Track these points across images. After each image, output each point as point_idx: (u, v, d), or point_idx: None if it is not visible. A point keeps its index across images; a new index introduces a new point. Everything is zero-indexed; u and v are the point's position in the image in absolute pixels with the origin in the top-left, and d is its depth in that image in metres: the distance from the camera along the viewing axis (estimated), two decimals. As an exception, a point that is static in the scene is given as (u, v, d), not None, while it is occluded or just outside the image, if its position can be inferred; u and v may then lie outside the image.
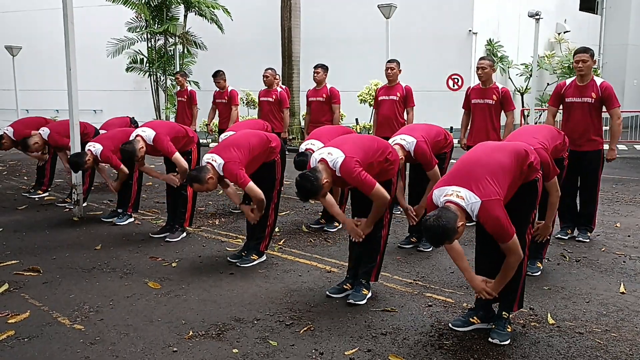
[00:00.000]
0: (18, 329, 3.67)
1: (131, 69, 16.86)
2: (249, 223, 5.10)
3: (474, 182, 3.21)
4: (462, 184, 3.21)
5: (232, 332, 3.64)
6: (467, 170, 3.32)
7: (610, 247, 5.54)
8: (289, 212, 7.18)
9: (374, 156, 3.98)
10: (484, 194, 3.15)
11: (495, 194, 3.18)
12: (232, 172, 4.51)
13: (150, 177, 9.49)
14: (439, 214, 3.11)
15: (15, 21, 21.61)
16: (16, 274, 4.74)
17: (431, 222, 3.09)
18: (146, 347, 3.44)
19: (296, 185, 3.79)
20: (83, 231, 6.22)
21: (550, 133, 4.46)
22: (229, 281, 4.62)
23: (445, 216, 3.09)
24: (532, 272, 4.72)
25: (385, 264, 4.99)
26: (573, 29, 19.85)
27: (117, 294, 4.31)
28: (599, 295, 4.30)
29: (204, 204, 7.65)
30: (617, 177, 9.72)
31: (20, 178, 9.83)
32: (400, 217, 6.74)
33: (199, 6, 15.81)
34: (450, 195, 3.20)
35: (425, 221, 3.12)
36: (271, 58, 16.07)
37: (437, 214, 3.12)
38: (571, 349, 3.42)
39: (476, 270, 3.71)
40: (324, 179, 3.80)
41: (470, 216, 3.20)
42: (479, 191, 3.16)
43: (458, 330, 3.65)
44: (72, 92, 6.67)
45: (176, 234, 5.86)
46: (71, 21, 6.56)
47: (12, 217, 6.84)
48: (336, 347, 3.43)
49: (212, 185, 4.54)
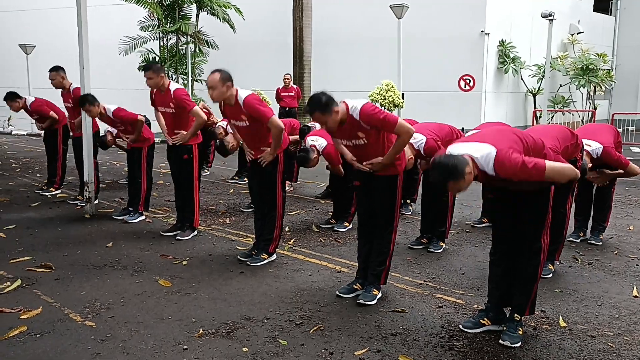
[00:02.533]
0: (30, 325, 3.70)
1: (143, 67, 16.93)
2: (257, 223, 5.12)
3: (488, 138, 3.27)
4: (477, 140, 3.29)
5: (242, 331, 3.65)
6: (481, 134, 3.43)
7: (623, 250, 5.50)
8: (299, 211, 7.19)
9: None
10: (498, 145, 3.19)
11: (511, 147, 3.20)
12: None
13: (161, 175, 9.56)
14: (450, 156, 3.16)
15: (29, 20, 21.82)
16: (29, 270, 4.78)
17: (441, 159, 3.13)
18: (156, 344, 3.46)
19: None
20: (94, 228, 6.26)
21: (561, 133, 4.40)
22: (239, 280, 4.62)
23: (457, 158, 3.13)
24: (544, 274, 4.68)
25: (395, 264, 4.99)
26: (587, 30, 19.68)
27: (128, 291, 4.34)
28: (611, 298, 4.26)
29: (215, 202, 7.67)
30: (631, 180, 9.63)
31: (33, 175, 9.91)
32: (412, 218, 6.72)
33: (211, 5, 15.85)
34: (464, 149, 3.23)
35: (436, 159, 3.16)
36: (283, 58, 16.10)
37: (449, 154, 3.18)
38: (583, 352, 3.39)
39: (490, 278, 3.73)
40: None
41: (485, 172, 3.18)
42: (494, 143, 3.20)
43: (468, 332, 3.64)
44: (85, 90, 6.71)
45: (187, 232, 5.88)
46: (84, 20, 6.60)
47: (25, 214, 6.89)
48: (346, 347, 3.43)
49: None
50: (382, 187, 4.10)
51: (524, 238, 3.52)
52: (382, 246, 4.17)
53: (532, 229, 3.47)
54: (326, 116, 3.86)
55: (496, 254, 3.67)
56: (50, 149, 8.25)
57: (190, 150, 5.74)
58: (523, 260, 3.52)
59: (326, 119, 3.89)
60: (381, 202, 4.12)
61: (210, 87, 4.61)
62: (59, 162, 8.21)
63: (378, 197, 4.12)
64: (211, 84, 4.59)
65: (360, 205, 4.35)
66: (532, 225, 3.46)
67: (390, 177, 4.08)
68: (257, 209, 5.20)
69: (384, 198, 4.11)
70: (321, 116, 3.87)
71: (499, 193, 3.59)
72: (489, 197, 3.66)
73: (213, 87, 4.60)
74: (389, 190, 4.11)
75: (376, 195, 4.12)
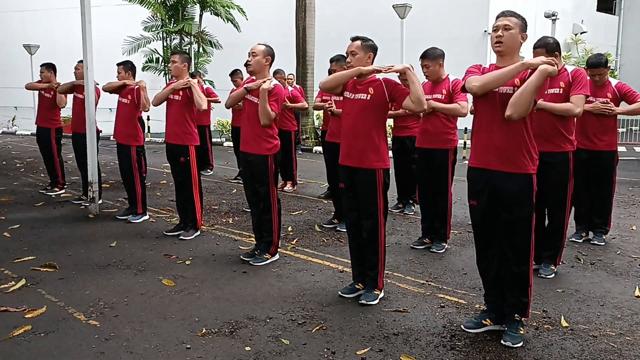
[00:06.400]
0: (35, 324, 3.73)
1: (147, 67, 16.98)
2: (256, 226, 5.15)
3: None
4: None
5: (245, 330, 3.67)
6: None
7: (626, 250, 5.50)
8: (302, 211, 7.20)
9: None
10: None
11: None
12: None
13: (164, 175, 9.58)
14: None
15: (33, 20, 21.90)
16: (33, 270, 4.81)
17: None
18: (160, 343, 3.48)
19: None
20: (98, 228, 6.29)
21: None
22: (242, 279, 4.64)
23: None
24: (546, 274, 4.70)
25: (397, 264, 5.01)
26: (590, 30, 19.66)
27: (131, 291, 4.36)
28: (613, 298, 4.26)
29: (218, 202, 7.70)
30: (634, 179, 9.62)
31: (37, 175, 9.95)
32: (414, 218, 6.73)
33: (214, 6, 15.89)
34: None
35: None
36: (286, 58, 16.05)
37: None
38: (584, 352, 3.40)
39: (483, 285, 3.74)
40: None
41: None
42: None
43: (470, 332, 3.64)
44: (89, 90, 6.75)
45: (190, 232, 5.90)
46: (88, 20, 6.63)
47: (29, 214, 6.93)
48: (348, 347, 3.44)
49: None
50: (365, 181, 4.06)
51: (510, 245, 3.50)
52: (373, 248, 4.14)
53: (517, 235, 3.45)
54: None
55: (483, 262, 3.66)
56: (45, 150, 8.27)
57: (187, 153, 5.78)
58: (512, 266, 3.51)
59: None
60: (365, 198, 4.08)
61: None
62: (56, 161, 8.24)
63: (360, 192, 4.09)
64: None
65: (348, 209, 4.26)
66: (517, 233, 3.45)
67: (368, 170, 4.04)
68: (252, 211, 5.21)
69: (365, 192, 4.07)
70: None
71: (480, 199, 3.56)
72: (471, 204, 3.61)
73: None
74: (370, 185, 4.06)
75: (362, 191, 4.08)
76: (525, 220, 3.44)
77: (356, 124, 4.04)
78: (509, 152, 3.37)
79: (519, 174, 3.39)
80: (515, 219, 3.43)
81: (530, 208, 3.43)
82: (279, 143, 5.01)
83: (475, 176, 3.55)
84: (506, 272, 3.55)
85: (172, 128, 5.79)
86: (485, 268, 3.65)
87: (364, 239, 4.16)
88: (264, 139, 4.89)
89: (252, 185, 5.06)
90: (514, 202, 3.41)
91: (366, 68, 4.01)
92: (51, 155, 8.22)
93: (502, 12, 3.43)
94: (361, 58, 4.05)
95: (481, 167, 3.48)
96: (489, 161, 3.43)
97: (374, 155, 4.04)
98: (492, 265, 3.60)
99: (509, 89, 3.32)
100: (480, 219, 3.57)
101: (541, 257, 4.74)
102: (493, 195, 3.46)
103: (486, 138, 3.43)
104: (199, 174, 5.99)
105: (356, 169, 4.08)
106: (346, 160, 4.12)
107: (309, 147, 14.54)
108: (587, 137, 5.43)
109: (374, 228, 4.10)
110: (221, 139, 16.27)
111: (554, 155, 4.52)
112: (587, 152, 5.41)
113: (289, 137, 8.19)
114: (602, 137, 5.47)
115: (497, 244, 3.55)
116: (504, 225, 3.49)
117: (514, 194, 3.40)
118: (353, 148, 4.06)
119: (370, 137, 4.01)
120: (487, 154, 3.44)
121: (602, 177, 5.59)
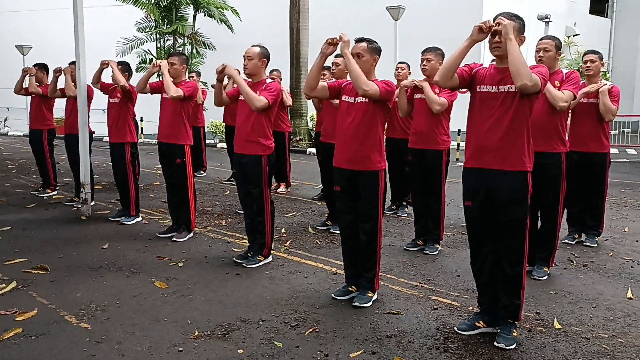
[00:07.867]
0: (25, 327, 3.70)
1: (140, 68, 16.89)
2: (249, 228, 5.13)
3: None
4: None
5: (238, 333, 3.65)
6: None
7: (618, 252, 5.51)
8: (295, 213, 7.19)
9: None
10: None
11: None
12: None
13: (157, 177, 9.55)
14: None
15: (25, 21, 21.77)
16: (24, 272, 4.77)
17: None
18: (152, 346, 3.46)
19: None
20: (90, 230, 6.25)
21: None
22: (235, 282, 4.63)
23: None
24: (539, 276, 4.71)
25: (391, 266, 5.00)
26: (583, 33, 19.75)
27: (123, 293, 4.33)
28: (606, 300, 4.28)
29: (211, 204, 7.67)
30: (626, 181, 9.67)
31: (29, 177, 9.90)
32: (407, 220, 6.73)
33: (207, 7, 15.86)
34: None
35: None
36: (279, 59, 16.03)
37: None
38: (577, 354, 3.40)
39: (477, 287, 3.74)
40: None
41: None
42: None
43: (463, 334, 3.64)
44: (82, 90, 6.71)
45: (183, 234, 5.88)
46: (81, 21, 6.60)
47: (21, 216, 6.88)
48: (341, 349, 3.43)
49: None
50: (369, 184, 4.06)
51: (504, 246, 3.50)
52: (370, 250, 4.13)
53: (512, 237, 3.45)
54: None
55: (476, 263, 3.66)
56: (37, 151, 8.23)
57: (182, 154, 5.76)
58: (506, 267, 3.51)
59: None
60: (367, 201, 4.07)
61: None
62: (48, 163, 8.20)
63: (363, 195, 4.08)
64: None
65: (342, 212, 4.25)
66: (511, 235, 3.45)
67: (372, 172, 4.05)
68: (245, 212, 5.20)
69: (368, 194, 4.07)
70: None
71: (475, 200, 3.56)
72: (466, 205, 3.61)
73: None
74: (373, 187, 4.06)
75: (361, 194, 4.08)
76: (519, 221, 3.44)
77: (359, 128, 4.02)
78: (506, 151, 3.38)
79: (515, 171, 3.40)
80: (510, 220, 3.44)
81: (525, 208, 3.44)
82: (273, 144, 5.00)
83: (470, 176, 3.55)
84: (500, 274, 3.56)
85: (166, 127, 5.77)
86: (479, 269, 3.65)
87: (362, 242, 4.15)
88: (258, 139, 4.88)
89: (245, 187, 5.05)
90: (509, 201, 3.41)
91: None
92: (43, 156, 8.17)
93: (500, 14, 3.45)
94: (367, 60, 4.02)
95: (477, 167, 3.49)
96: (485, 160, 3.44)
97: (378, 156, 4.06)
98: (485, 267, 3.61)
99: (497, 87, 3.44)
100: (475, 219, 3.57)
101: (534, 259, 4.75)
102: (488, 195, 3.46)
103: (482, 137, 3.44)
104: (194, 175, 5.97)
105: (359, 173, 4.06)
106: (346, 164, 4.10)
107: (303, 148, 14.53)
108: (579, 139, 5.45)
109: (374, 230, 4.10)
110: (214, 140, 16.24)
111: (547, 156, 4.53)
112: (579, 154, 5.42)
113: (282, 139, 8.18)
114: (594, 139, 5.49)
115: (491, 246, 3.56)
116: (498, 226, 3.49)
117: (509, 193, 3.41)
118: (356, 152, 4.03)
119: (373, 139, 4.02)
120: (484, 154, 3.44)
121: (595, 179, 5.61)
